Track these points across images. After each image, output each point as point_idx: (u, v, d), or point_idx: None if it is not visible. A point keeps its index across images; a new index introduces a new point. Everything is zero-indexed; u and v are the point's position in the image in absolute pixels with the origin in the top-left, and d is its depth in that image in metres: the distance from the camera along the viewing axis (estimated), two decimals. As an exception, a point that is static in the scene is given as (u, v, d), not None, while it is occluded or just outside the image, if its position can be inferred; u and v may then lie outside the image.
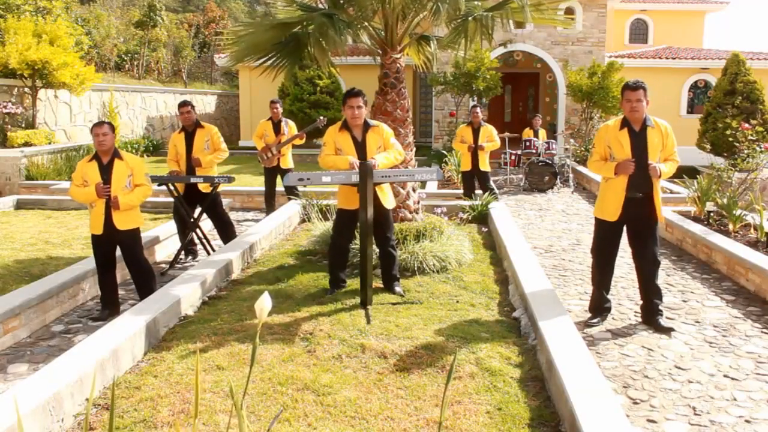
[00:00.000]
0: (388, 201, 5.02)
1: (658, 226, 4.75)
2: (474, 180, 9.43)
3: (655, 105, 8.15)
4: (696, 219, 7.69)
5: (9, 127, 12.49)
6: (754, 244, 6.38)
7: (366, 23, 6.17)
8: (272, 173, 8.75)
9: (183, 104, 6.61)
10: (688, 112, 18.68)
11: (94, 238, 5.04)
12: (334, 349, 3.92)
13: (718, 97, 14.55)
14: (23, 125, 12.85)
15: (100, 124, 4.98)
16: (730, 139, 9.60)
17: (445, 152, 13.32)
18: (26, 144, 12.06)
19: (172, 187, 6.50)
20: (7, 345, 4.45)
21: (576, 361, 3.42)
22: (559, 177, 12.30)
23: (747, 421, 3.38)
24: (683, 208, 8.32)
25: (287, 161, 8.65)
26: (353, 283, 5.18)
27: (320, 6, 6.38)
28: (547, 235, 8.21)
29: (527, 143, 12.66)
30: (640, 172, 4.53)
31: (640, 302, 4.87)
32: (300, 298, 4.96)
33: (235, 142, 20.78)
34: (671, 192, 10.53)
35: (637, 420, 3.40)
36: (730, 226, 7.10)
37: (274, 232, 7.07)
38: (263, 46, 6.12)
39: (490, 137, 9.30)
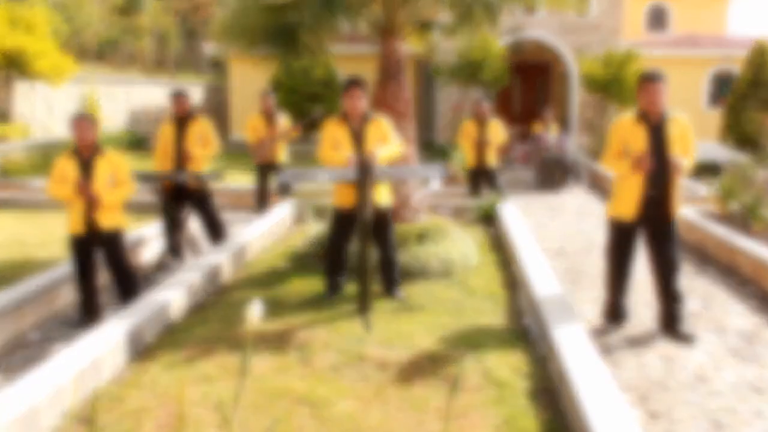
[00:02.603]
0: (384, 198, 5.02)
1: (678, 227, 4.75)
2: (480, 178, 9.43)
3: (674, 97, 8.16)
4: (718, 219, 7.70)
5: (-18, 120, 12.52)
6: (780, 247, 6.38)
7: (364, 8, 6.16)
8: (265, 170, 8.75)
9: (178, 94, 6.65)
10: (710, 105, 18.68)
11: (74, 239, 5.04)
12: (330, 359, 3.92)
13: (741, 89, 14.53)
14: (-3, 118, 12.88)
15: (80, 117, 4.98)
16: (754, 133, 9.60)
17: (449, 148, 13.32)
18: (0, 139, 12.06)
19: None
20: (-19, 354, 4.46)
21: (590, 372, 3.43)
22: (571, 174, 12.30)
23: (773, 436, 3.39)
24: (705, 207, 8.32)
25: (282, 157, 8.66)
26: (351, 288, 5.18)
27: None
28: (558, 236, 8.22)
29: (537, 138, 12.67)
30: (659, 168, 4.52)
31: (659, 308, 4.88)
32: (294, 304, 4.97)
33: (225, 136, 20.78)
34: (691, 190, 10.53)
35: (655, 435, 3.41)
36: (755, 227, 7.10)
37: (267, 233, 7.08)
38: (254, 31, 6.09)
39: (497, 132, 9.29)
